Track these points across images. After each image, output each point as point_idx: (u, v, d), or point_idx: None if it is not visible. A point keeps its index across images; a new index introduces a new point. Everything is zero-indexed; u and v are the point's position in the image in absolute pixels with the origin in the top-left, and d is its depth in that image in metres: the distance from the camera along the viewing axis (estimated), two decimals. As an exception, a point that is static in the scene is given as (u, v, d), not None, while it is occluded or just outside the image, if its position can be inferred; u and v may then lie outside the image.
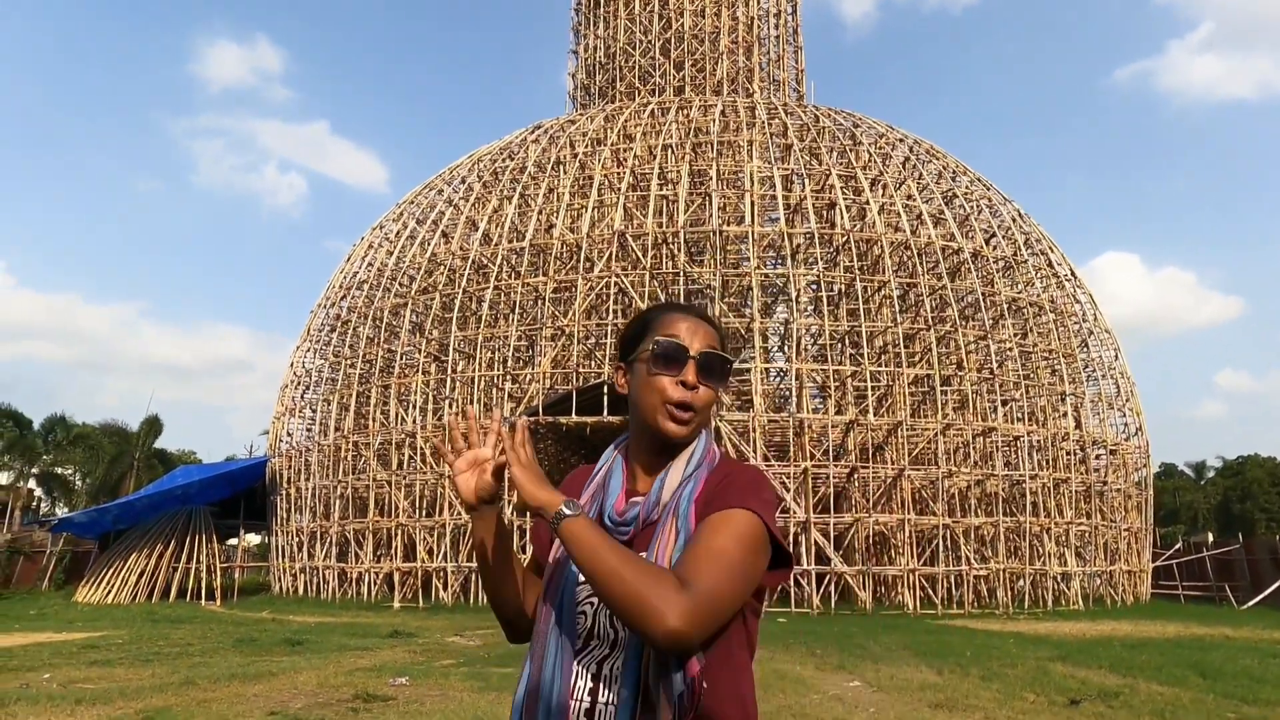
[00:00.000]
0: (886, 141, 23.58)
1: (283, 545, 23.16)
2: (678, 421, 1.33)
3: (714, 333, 1.40)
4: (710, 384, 1.35)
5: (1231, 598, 22.59)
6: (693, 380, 1.33)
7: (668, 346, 1.34)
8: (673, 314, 1.40)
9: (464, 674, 8.19)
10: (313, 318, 25.60)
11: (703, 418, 1.36)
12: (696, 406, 1.34)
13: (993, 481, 19.39)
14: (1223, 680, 7.84)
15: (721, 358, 1.37)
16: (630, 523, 1.31)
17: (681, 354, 1.34)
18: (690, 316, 1.40)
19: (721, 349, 1.39)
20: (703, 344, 1.36)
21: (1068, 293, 22.87)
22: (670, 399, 1.33)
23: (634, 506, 1.32)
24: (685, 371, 1.33)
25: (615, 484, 1.38)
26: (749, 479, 1.30)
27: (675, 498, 1.30)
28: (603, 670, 1.24)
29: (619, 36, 28.36)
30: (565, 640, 1.26)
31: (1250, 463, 48.85)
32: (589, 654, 1.25)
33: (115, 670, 8.46)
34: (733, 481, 1.29)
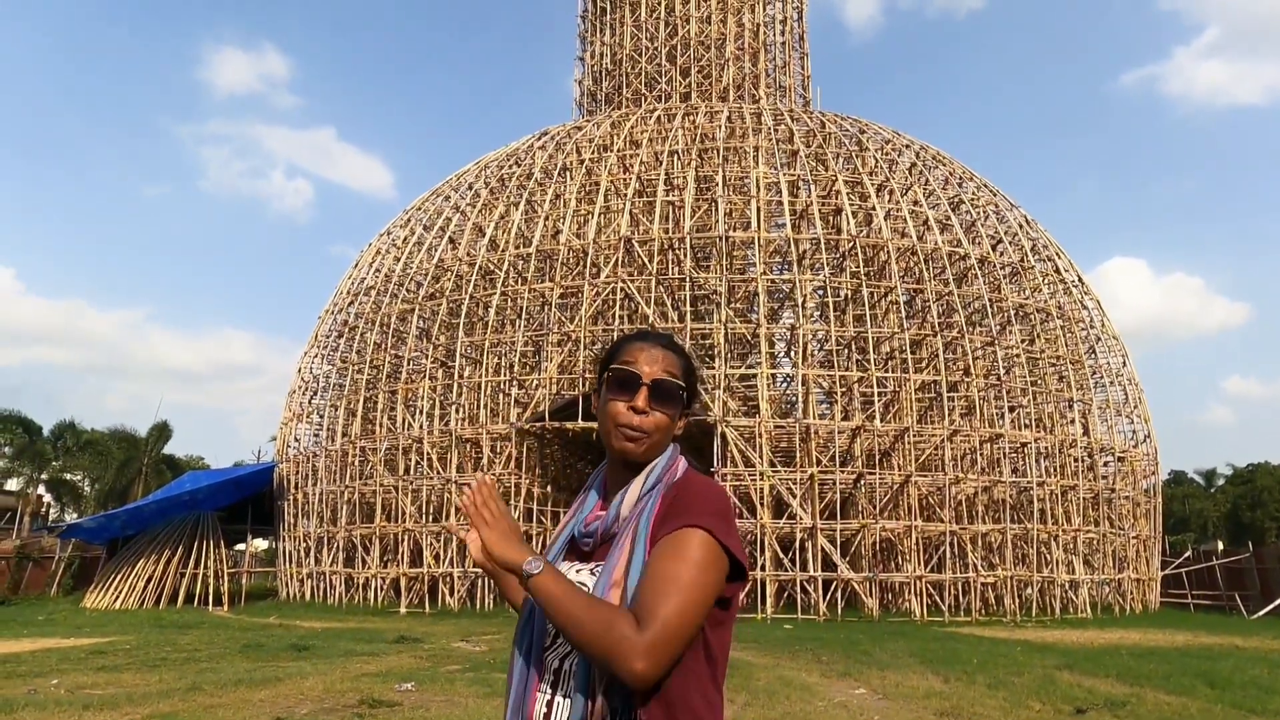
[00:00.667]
0: (893, 147, 23.58)
1: (290, 550, 23.23)
2: (631, 440, 1.44)
3: (674, 359, 1.49)
4: (663, 409, 1.45)
5: (1242, 607, 22.40)
6: (642, 405, 1.43)
7: (620, 373, 1.46)
8: (634, 343, 1.51)
9: (469, 679, 8.20)
10: (320, 323, 25.72)
11: (656, 439, 1.45)
12: (646, 429, 1.43)
13: (1000, 488, 19.30)
14: (1231, 690, 7.78)
15: (674, 384, 1.46)
16: (591, 535, 1.44)
17: (633, 380, 1.45)
18: (649, 345, 1.50)
19: (683, 376, 1.48)
20: (659, 371, 1.45)
21: (1075, 299, 22.78)
22: (620, 421, 1.44)
23: (597, 521, 1.45)
24: (637, 397, 1.44)
25: (591, 499, 1.52)
26: (697, 494, 1.38)
27: (634, 514, 1.40)
28: (564, 665, 1.35)
29: (625, 43, 28.47)
30: (536, 638, 1.39)
31: (1261, 470, 48.41)
32: (555, 651, 1.37)
33: (123, 676, 8.50)
34: (683, 500, 1.37)
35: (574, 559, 1.47)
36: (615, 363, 1.48)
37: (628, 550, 1.35)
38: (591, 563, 1.43)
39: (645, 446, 1.44)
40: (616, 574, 1.33)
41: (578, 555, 1.47)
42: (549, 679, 1.35)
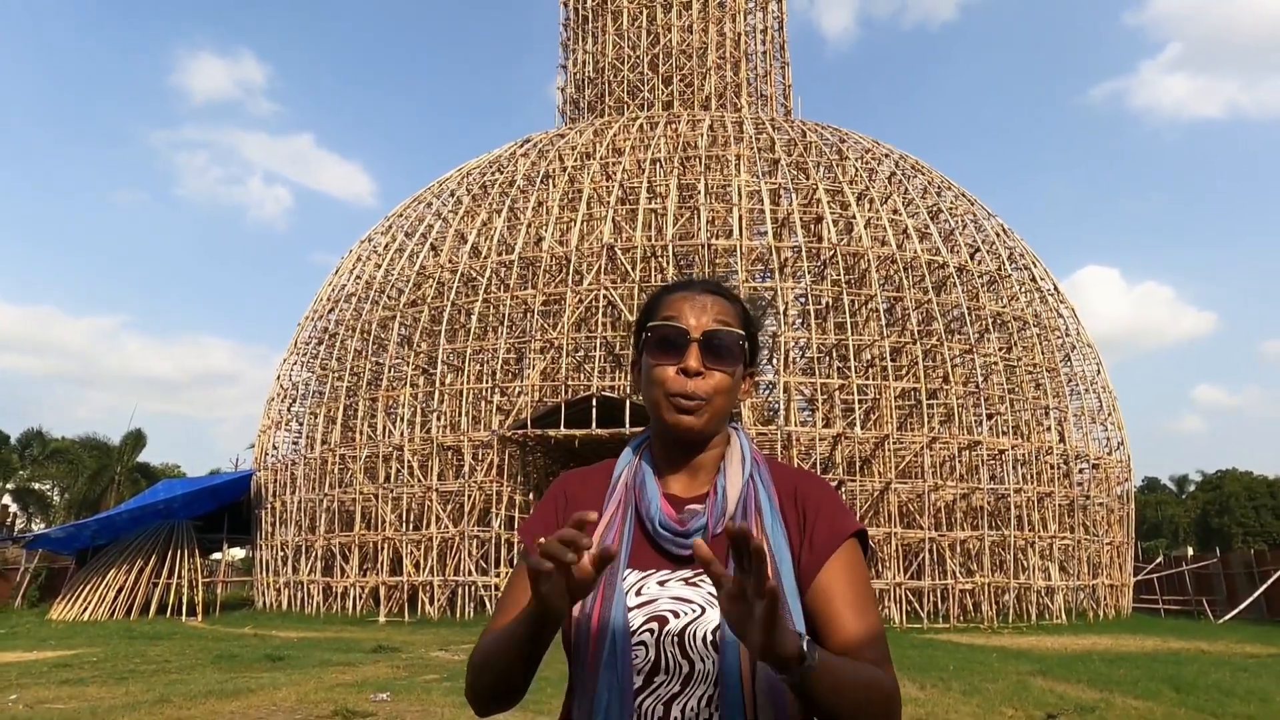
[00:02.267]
0: (873, 156, 23.83)
1: (267, 559, 22.95)
2: (683, 411, 1.14)
3: (727, 306, 1.20)
4: (721, 367, 1.15)
5: (1209, 611, 22.75)
6: (695, 366, 1.14)
7: (665, 330, 1.17)
8: (676, 293, 1.21)
9: (446, 689, 8.14)
10: (300, 330, 25.50)
11: (719, 405, 1.16)
12: (704, 394, 1.14)
13: (978, 495, 19.49)
14: (1195, 694, 7.92)
15: (732, 334, 1.17)
16: (695, 533, 1.12)
17: (680, 337, 1.15)
18: (695, 293, 1.20)
19: (739, 323, 1.20)
20: (710, 321, 1.16)
21: (1051, 307, 23.11)
22: (670, 390, 1.14)
23: (695, 516, 1.14)
24: (686, 356, 1.14)
25: (653, 488, 1.18)
26: (831, 492, 1.17)
27: (744, 505, 1.13)
28: (671, 711, 1.03)
29: (608, 51, 28.58)
30: (625, 680, 1.03)
31: (1229, 477, 49.30)
32: (652, 693, 1.04)
33: (87, 689, 8.34)
34: (822, 501, 1.14)
35: (652, 564, 1.12)
36: (655, 319, 1.19)
37: (770, 562, 1.06)
38: (685, 570, 1.10)
39: (706, 417, 1.15)
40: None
41: (652, 560, 1.13)
42: (654, 716, 1.03)
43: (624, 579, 1.10)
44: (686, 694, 1.03)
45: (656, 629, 1.06)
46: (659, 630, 1.05)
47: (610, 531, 1.15)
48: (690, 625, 1.05)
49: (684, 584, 1.09)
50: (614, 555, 0.93)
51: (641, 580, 1.10)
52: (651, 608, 1.07)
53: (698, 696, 1.03)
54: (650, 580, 1.10)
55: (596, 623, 1.06)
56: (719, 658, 1.02)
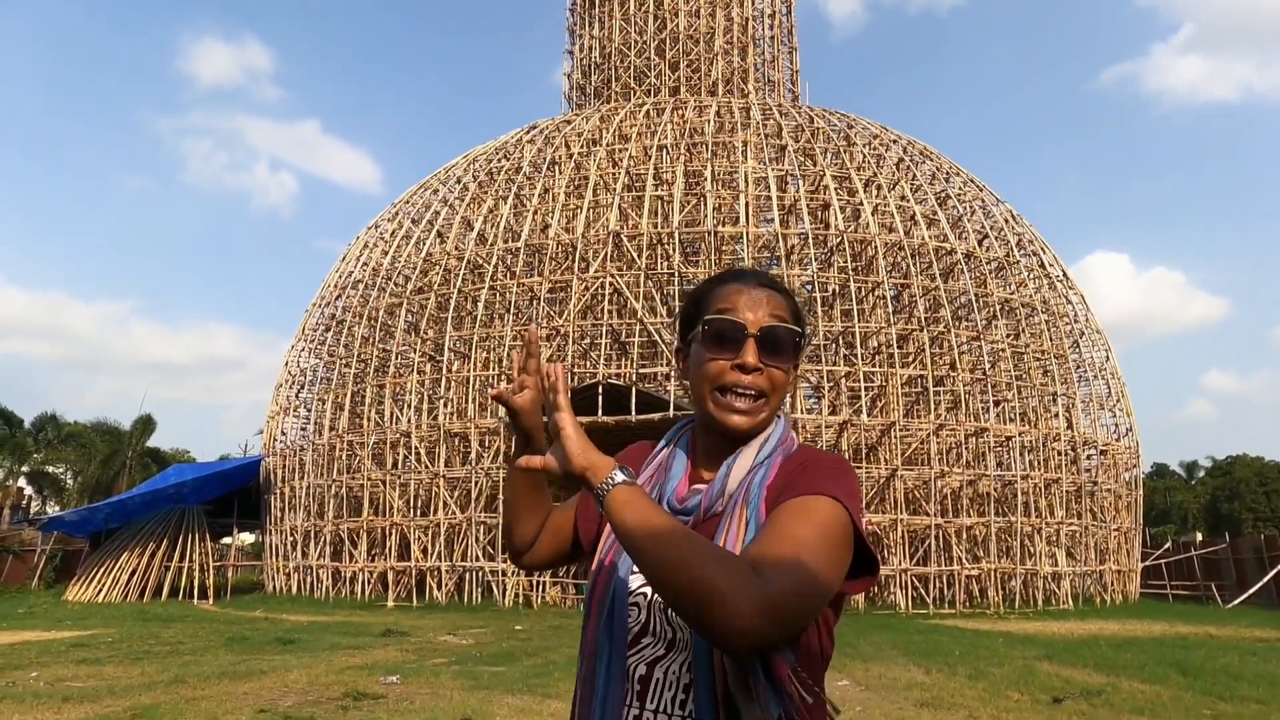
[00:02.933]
0: (880, 142, 23.66)
1: (276, 544, 23.15)
2: (737, 412, 1.15)
3: (782, 301, 1.21)
4: (777, 364, 1.16)
5: (1218, 596, 22.74)
6: (753, 362, 1.14)
7: (722, 325, 1.16)
8: (730, 285, 1.21)
9: (455, 673, 8.23)
10: (307, 317, 25.59)
11: (774, 403, 1.18)
12: (762, 390, 1.16)
13: (985, 482, 19.48)
14: (1202, 678, 7.93)
15: (790, 331, 1.18)
16: (691, 511, 1.14)
17: (738, 332, 1.15)
18: (750, 286, 1.20)
19: (793, 319, 1.21)
20: (767, 317, 1.17)
21: (1059, 294, 22.98)
22: (726, 384, 1.15)
23: (696, 494, 1.16)
24: (744, 352, 1.15)
25: (678, 467, 1.21)
26: (829, 463, 1.13)
27: (744, 485, 1.13)
28: (653, 672, 1.07)
29: (614, 37, 28.39)
30: (616, 642, 1.09)
31: (1239, 463, 49.14)
32: (638, 653, 1.08)
33: (104, 668, 8.47)
34: (812, 467, 1.12)
35: None
36: (711, 312, 1.18)
37: (741, 527, 1.07)
38: None
39: (760, 416, 1.16)
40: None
41: None
42: (634, 689, 1.06)
43: None
44: (669, 658, 1.07)
45: (649, 594, 1.10)
46: (651, 595, 1.10)
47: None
48: None
49: None
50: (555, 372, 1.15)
51: None
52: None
53: (679, 662, 1.06)
54: None
55: (600, 584, 1.15)
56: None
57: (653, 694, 1.05)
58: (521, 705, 6.50)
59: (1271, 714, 6.36)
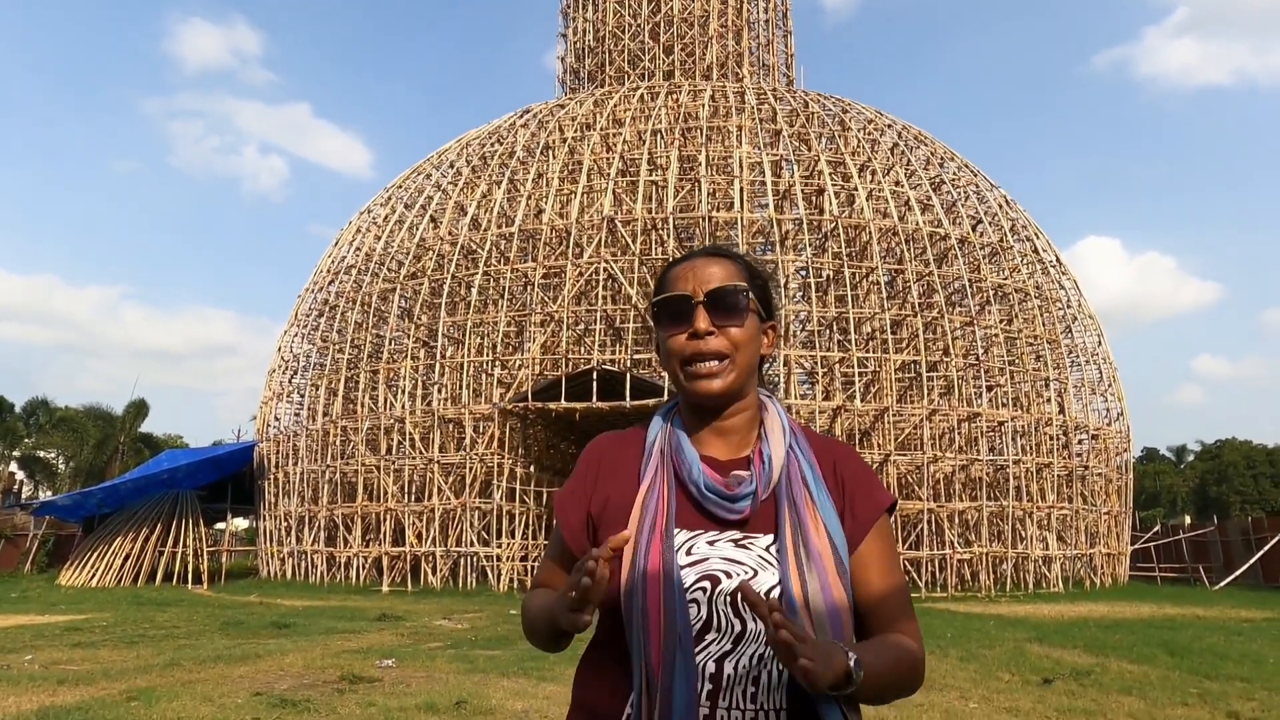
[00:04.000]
0: (875, 127, 23.58)
1: (271, 529, 23.16)
2: (703, 377, 1.16)
3: (727, 265, 1.22)
4: (731, 322, 1.17)
5: (1205, 578, 23.01)
6: (704, 326, 1.16)
7: (669, 302, 1.20)
8: (674, 268, 1.24)
9: (450, 656, 8.27)
10: (300, 302, 25.47)
11: (741, 362, 1.18)
12: (723, 351, 1.16)
13: (977, 466, 19.60)
14: (1189, 658, 8.05)
15: (734, 289, 1.18)
16: (744, 498, 1.13)
17: (684, 304, 1.18)
18: (692, 261, 1.23)
19: (742, 277, 1.21)
20: (710, 282, 1.18)
21: (1053, 279, 23.03)
22: (685, 355, 1.17)
23: (742, 482, 1.14)
24: (695, 320, 1.17)
25: (691, 452, 1.18)
26: (866, 466, 1.23)
27: (788, 474, 1.15)
28: (724, 669, 1.04)
29: (608, 20, 28.14)
30: (687, 641, 1.04)
31: (1227, 446, 49.55)
32: (704, 649, 1.05)
33: (99, 652, 8.48)
34: (859, 475, 1.20)
35: (699, 525, 1.13)
36: (660, 295, 1.22)
37: (818, 522, 1.11)
38: (732, 532, 1.12)
39: (730, 376, 1.17)
40: (821, 552, 1.08)
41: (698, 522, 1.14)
42: (706, 687, 1.04)
43: (675, 538, 1.11)
44: (738, 651, 1.05)
45: (709, 587, 1.07)
46: (711, 589, 1.07)
47: (653, 495, 1.15)
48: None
49: (734, 545, 1.11)
50: (621, 544, 1.02)
51: (691, 540, 1.11)
52: (703, 566, 1.09)
53: (749, 655, 1.05)
54: (700, 540, 1.12)
55: (652, 583, 1.06)
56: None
57: (725, 690, 1.04)
58: (517, 688, 6.54)
59: (1256, 692, 6.46)
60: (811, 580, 1.06)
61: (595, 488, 1.22)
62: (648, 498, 1.15)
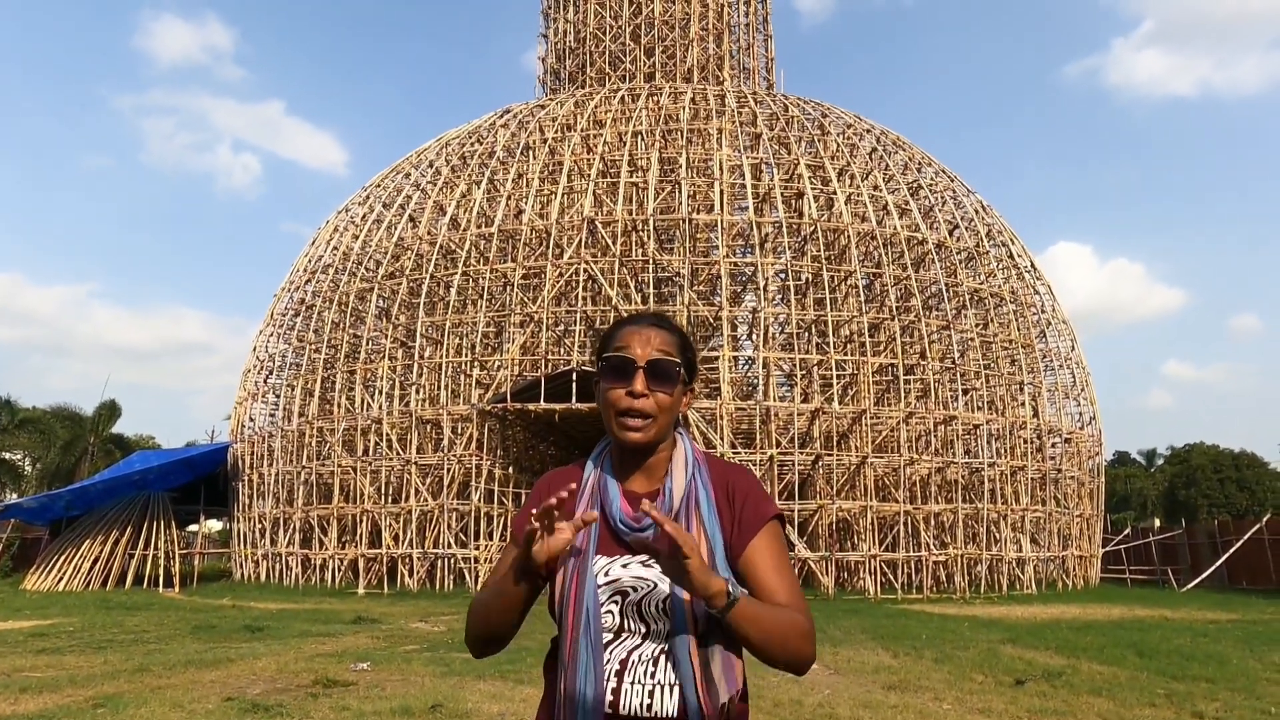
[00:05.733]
0: (854, 132, 23.78)
1: (245, 531, 22.84)
2: (631, 429, 1.39)
3: (668, 337, 1.44)
4: (663, 390, 1.40)
5: (1173, 580, 23.42)
6: (640, 389, 1.39)
7: (614, 360, 1.41)
8: (625, 327, 1.45)
9: (426, 659, 8.20)
10: (276, 301, 25.17)
11: (662, 422, 1.41)
12: (649, 412, 1.39)
13: (953, 469, 19.81)
14: (1157, 659, 8.20)
15: (670, 363, 1.41)
16: (646, 528, 1.34)
17: (628, 365, 1.40)
18: (641, 327, 1.45)
19: (678, 353, 1.43)
20: (653, 351, 1.41)
21: (1027, 284, 23.36)
22: (620, 409, 1.39)
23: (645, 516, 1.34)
24: (634, 381, 1.39)
25: (614, 490, 1.43)
26: (755, 484, 1.44)
27: (687, 501, 1.40)
28: (630, 657, 1.31)
29: (589, 21, 28.13)
30: (595, 640, 1.30)
31: (1195, 450, 50.48)
32: (620, 644, 1.33)
33: (65, 658, 8.30)
34: (741, 485, 1.42)
35: (616, 551, 1.38)
36: (608, 351, 1.44)
37: (701, 537, 1.35)
38: (641, 555, 1.35)
39: (652, 432, 1.40)
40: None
41: (617, 547, 1.38)
42: (614, 668, 1.30)
43: (594, 563, 1.36)
44: (644, 645, 1.32)
45: (620, 600, 1.34)
46: (622, 601, 1.34)
47: (583, 529, 1.38)
48: (645, 596, 1.33)
49: (641, 565, 1.35)
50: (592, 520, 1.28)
51: (608, 564, 1.37)
52: (615, 584, 1.35)
53: (654, 647, 1.32)
54: (615, 564, 1.37)
55: (574, 597, 1.34)
56: (669, 619, 1.31)
57: (629, 670, 1.30)
58: (493, 691, 6.50)
59: (1219, 692, 6.59)
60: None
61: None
62: (579, 532, 1.37)
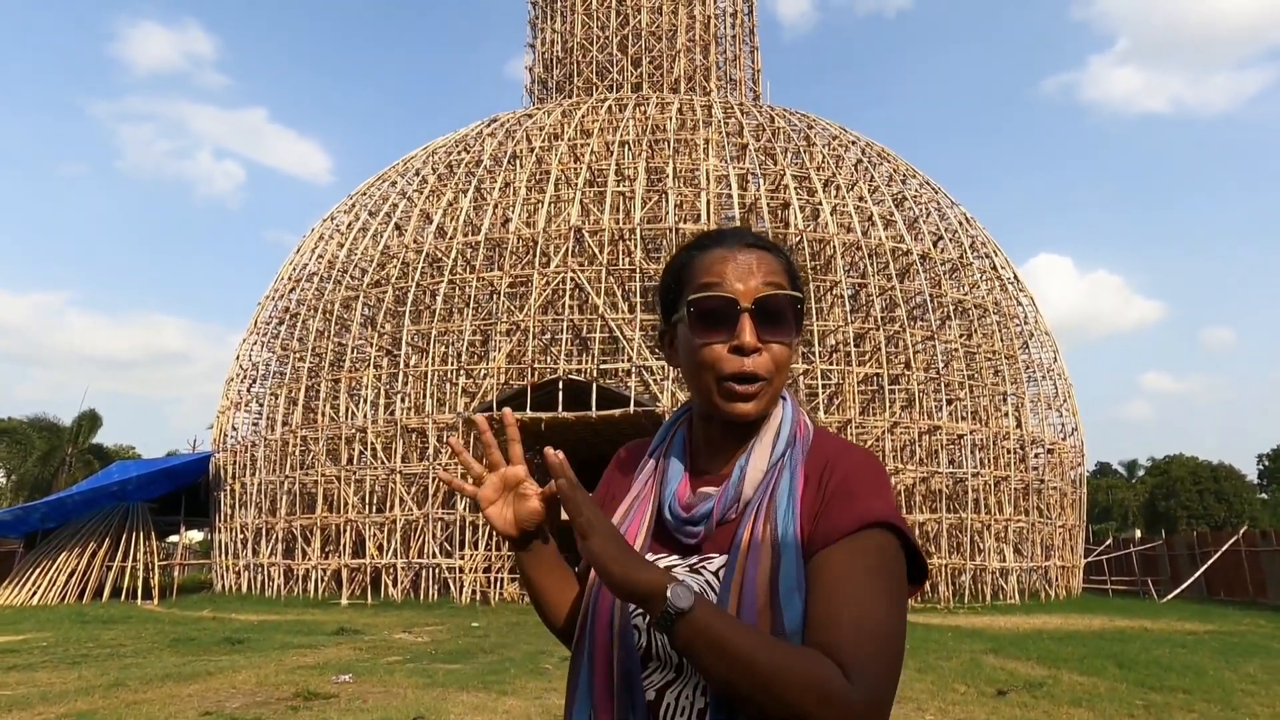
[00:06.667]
0: (840, 143, 23.98)
1: (226, 542, 22.56)
2: (743, 400, 1.01)
3: (774, 261, 1.05)
4: (779, 338, 1.01)
5: (1153, 591, 23.62)
6: (751, 342, 1.00)
7: (710, 302, 1.01)
8: (713, 251, 1.05)
9: (409, 670, 8.13)
10: (260, 309, 24.97)
11: (777, 384, 1.03)
12: (763, 373, 1.01)
13: (937, 479, 19.92)
14: (1136, 670, 8.27)
15: (789, 298, 1.03)
16: (699, 521, 1.01)
17: (730, 308, 1.00)
18: (736, 249, 1.04)
19: (789, 282, 1.05)
20: (760, 284, 1.02)
21: (1010, 295, 23.59)
22: (724, 373, 1.00)
23: (704, 500, 1.02)
24: (740, 331, 1.00)
25: (676, 467, 1.07)
26: (868, 471, 0.98)
27: (762, 493, 1.00)
28: (664, 698, 0.96)
29: (577, 31, 28.25)
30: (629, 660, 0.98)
31: (1175, 462, 51.13)
32: (646, 677, 0.98)
33: (37, 674, 8.15)
34: (846, 476, 0.97)
35: (660, 549, 1.04)
36: (695, 287, 1.03)
37: (769, 550, 0.94)
38: (693, 557, 1.01)
39: (765, 399, 1.02)
40: (758, 587, 0.92)
41: (668, 545, 1.04)
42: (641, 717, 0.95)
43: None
44: (681, 681, 0.96)
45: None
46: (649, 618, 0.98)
47: (632, 515, 1.08)
48: None
49: (687, 570, 1.00)
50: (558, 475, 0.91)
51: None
52: None
53: (692, 685, 0.95)
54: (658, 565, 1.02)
55: (600, 604, 1.02)
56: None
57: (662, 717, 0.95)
58: (477, 703, 6.46)
59: (1196, 703, 6.66)
60: (746, 611, 0.93)
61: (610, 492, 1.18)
62: (623, 518, 1.08)
